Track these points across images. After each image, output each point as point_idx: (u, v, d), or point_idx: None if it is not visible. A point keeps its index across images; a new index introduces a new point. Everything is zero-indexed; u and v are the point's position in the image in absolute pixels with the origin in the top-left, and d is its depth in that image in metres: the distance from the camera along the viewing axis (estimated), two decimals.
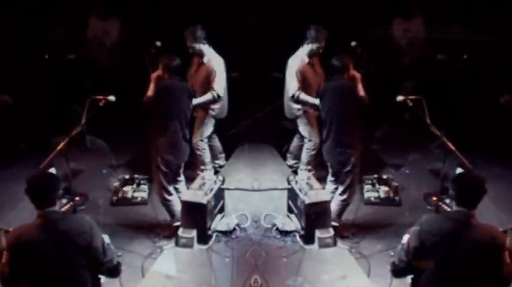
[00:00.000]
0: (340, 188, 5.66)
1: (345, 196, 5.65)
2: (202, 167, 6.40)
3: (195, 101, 5.82)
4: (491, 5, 7.66)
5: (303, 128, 6.33)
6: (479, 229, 3.51)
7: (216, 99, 6.03)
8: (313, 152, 6.35)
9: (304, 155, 6.41)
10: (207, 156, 6.43)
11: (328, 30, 6.10)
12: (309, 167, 6.39)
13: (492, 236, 3.47)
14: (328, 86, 5.54)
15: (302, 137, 6.47)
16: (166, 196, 5.64)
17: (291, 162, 6.80)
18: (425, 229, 3.56)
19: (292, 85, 6.03)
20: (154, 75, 5.61)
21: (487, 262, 3.48)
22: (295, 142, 6.69)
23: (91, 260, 3.57)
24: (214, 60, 6.07)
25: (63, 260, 3.46)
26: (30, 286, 3.49)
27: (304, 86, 6.04)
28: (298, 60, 6.09)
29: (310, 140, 6.33)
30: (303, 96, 5.96)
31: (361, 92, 5.55)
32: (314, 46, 6.00)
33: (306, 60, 6.08)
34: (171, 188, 5.66)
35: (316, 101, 5.77)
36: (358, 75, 5.58)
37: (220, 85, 6.01)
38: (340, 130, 5.46)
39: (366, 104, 5.53)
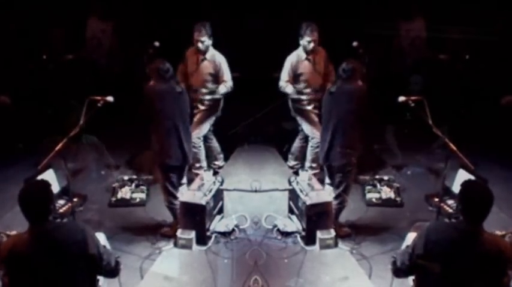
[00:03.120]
0: (337, 190, 5.62)
1: (341, 198, 5.62)
2: (197, 164, 6.39)
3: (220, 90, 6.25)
4: (493, 5, 7.65)
5: (306, 127, 6.33)
6: (486, 241, 3.41)
7: (228, 92, 6.28)
8: (317, 149, 6.35)
9: (309, 153, 6.45)
10: (202, 153, 6.46)
11: (329, 29, 6.10)
12: (314, 165, 6.38)
13: (499, 250, 3.39)
14: (341, 87, 5.43)
15: (305, 138, 6.44)
16: (173, 200, 5.61)
17: (292, 163, 6.78)
18: (432, 239, 3.48)
19: (281, 77, 6.32)
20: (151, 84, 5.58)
21: (492, 274, 3.40)
22: (297, 143, 6.67)
23: (87, 266, 3.51)
24: (218, 55, 6.22)
25: (58, 270, 3.39)
26: None
27: (297, 80, 6.27)
28: (293, 55, 6.28)
29: (313, 138, 6.34)
30: (288, 88, 6.30)
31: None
32: (305, 41, 6.10)
33: (303, 56, 6.20)
34: (175, 191, 5.61)
35: (294, 95, 6.29)
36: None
37: (230, 78, 6.25)
38: (345, 132, 5.43)
39: (369, 110, 5.55)
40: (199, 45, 6.12)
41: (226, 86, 6.20)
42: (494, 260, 3.38)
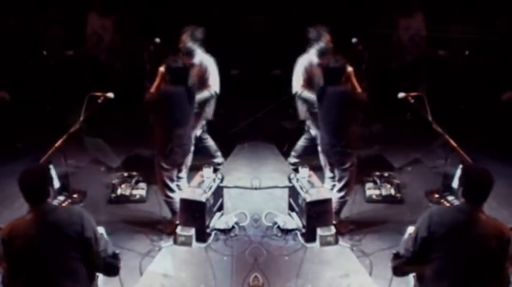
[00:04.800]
0: (338, 186, 5.64)
1: (342, 193, 5.63)
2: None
3: (202, 96, 5.96)
4: (493, 3, 7.64)
5: (315, 131, 6.25)
6: (488, 223, 3.50)
7: (213, 97, 6.11)
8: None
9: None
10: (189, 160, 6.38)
11: (329, 27, 6.06)
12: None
13: (501, 231, 3.46)
14: (327, 91, 5.44)
15: (311, 139, 6.36)
16: (169, 193, 5.62)
17: (293, 160, 6.70)
18: (436, 220, 3.52)
19: (296, 83, 6.08)
20: (161, 69, 5.52)
21: (493, 257, 3.46)
22: (302, 142, 6.56)
23: (84, 251, 3.52)
24: (206, 60, 6.08)
25: (56, 252, 3.43)
26: (26, 280, 3.46)
27: (310, 85, 6.03)
28: (306, 60, 6.07)
29: None
30: (305, 94, 6.03)
31: (357, 89, 5.53)
32: (319, 46, 5.95)
33: (315, 61, 6.00)
34: (173, 186, 5.63)
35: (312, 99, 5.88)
36: (350, 69, 5.52)
37: (216, 83, 6.07)
38: (339, 131, 5.44)
39: (365, 102, 5.49)
40: (183, 49, 5.92)
41: (209, 91, 6.06)
42: (496, 241, 3.43)
